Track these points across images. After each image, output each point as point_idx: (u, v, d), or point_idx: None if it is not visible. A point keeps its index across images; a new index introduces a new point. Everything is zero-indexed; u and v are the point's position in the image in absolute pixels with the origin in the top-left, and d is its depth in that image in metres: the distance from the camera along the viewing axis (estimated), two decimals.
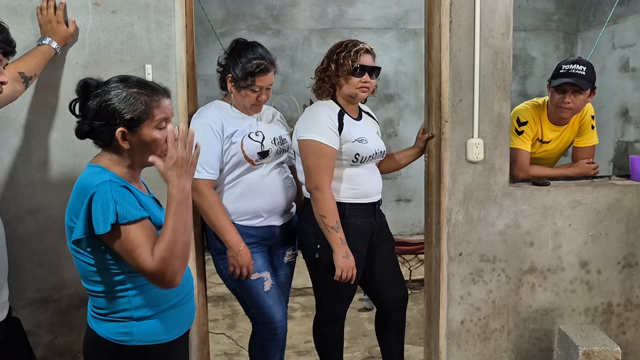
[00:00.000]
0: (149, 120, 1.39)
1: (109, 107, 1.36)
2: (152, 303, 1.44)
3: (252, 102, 2.06)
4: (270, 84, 2.07)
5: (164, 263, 1.31)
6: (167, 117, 1.42)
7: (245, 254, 2.03)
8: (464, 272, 2.21)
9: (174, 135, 1.38)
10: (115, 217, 1.29)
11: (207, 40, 4.81)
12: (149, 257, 1.31)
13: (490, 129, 2.15)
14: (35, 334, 2.03)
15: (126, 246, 1.32)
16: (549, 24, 5.45)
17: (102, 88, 1.39)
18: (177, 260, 1.33)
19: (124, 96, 1.37)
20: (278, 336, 2.15)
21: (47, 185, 1.99)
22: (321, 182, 2.04)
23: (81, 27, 1.95)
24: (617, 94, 4.83)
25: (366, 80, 2.10)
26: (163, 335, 1.45)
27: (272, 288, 2.12)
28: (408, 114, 5.38)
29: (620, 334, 2.34)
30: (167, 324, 1.46)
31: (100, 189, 1.32)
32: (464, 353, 2.26)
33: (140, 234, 1.32)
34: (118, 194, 1.32)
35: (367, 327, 3.31)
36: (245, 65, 2.01)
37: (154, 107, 1.39)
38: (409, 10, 5.25)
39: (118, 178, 1.38)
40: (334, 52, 2.12)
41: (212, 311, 3.54)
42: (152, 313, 1.43)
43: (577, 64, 2.39)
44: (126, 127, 1.37)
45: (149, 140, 1.40)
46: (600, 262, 2.28)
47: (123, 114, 1.36)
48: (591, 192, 2.24)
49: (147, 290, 1.43)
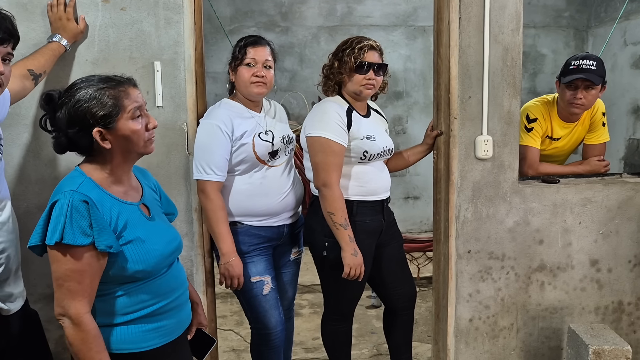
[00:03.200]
0: (122, 112, 1.34)
1: (79, 110, 1.31)
2: (124, 310, 1.37)
3: (250, 79, 2.01)
4: (266, 60, 2.04)
5: (71, 323, 1.29)
6: (140, 105, 1.38)
7: (237, 265, 2.00)
8: (473, 269, 2.20)
9: (155, 124, 1.39)
10: (61, 235, 1.25)
11: (215, 38, 4.82)
12: (69, 302, 1.28)
13: (500, 126, 2.13)
14: (46, 329, 2.04)
15: (59, 271, 1.28)
16: (559, 21, 5.40)
17: (66, 95, 1.34)
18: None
19: (90, 95, 1.32)
20: (273, 342, 2.12)
21: (57, 181, 1.96)
22: (329, 179, 2.04)
23: (91, 24, 1.96)
24: (629, 91, 4.78)
25: (370, 77, 2.08)
26: (141, 343, 1.39)
27: (271, 292, 2.10)
28: (417, 111, 5.36)
29: (631, 332, 2.32)
30: (145, 332, 1.39)
31: (62, 198, 1.28)
32: (472, 351, 2.25)
33: (76, 265, 1.27)
34: (74, 210, 1.26)
35: (375, 324, 3.30)
36: (238, 44, 2.05)
37: (122, 98, 1.34)
38: (417, 7, 5.23)
39: (89, 186, 1.33)
40: (339, 50, 2.12)
41: (221, 307, 3.55)
42: (124, 320, 1.37)
43: (587, 59, 2.37)
44: (101, 125, 1.32)
45: (128, 133, 1.35)
46: (610, 260, 2.26)
47: (94, 112, 1.31)
48: (602, 189, 2.22)
49: (115, 297, 1.37)
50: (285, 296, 2.29)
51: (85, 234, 1.26)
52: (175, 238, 1.50)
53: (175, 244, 1.49)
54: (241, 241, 2.07)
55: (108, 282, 1.35)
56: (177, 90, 2.02)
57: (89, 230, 1.27)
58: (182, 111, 2.03)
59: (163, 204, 1.59)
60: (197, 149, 2.00)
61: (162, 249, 1.42)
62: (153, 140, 1.42)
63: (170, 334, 1.45)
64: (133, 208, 1.41)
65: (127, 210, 1.38)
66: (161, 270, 1.43)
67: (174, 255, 1.49)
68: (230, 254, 2.00)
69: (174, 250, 1.48)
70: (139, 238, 1.37)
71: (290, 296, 2.34)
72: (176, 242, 1.50)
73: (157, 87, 1.99)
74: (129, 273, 1.35)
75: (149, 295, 1.39)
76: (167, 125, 2.02)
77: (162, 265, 1.43)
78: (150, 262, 1.37)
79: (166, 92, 2.01)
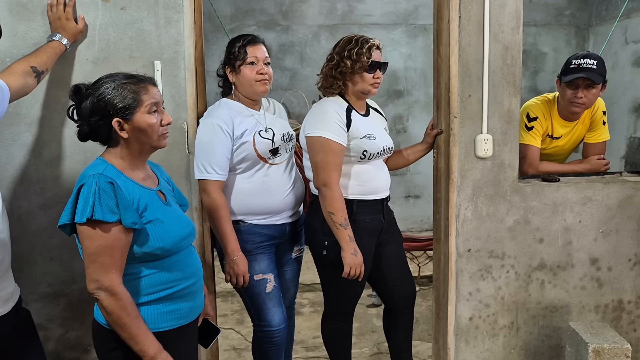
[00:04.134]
0: (140, 106, 1.47)
1: (101, 101, 1.45)
2: (146, 291, 1.48)
3: (255, 77, 2.05)
4: (265, 57, 2.08)
5: (107, 294, 1.40)
6: (157, 102, 1.51)
7: (242, 263, 2.02)
8: (473, 268, 2.20)
9: (169, 121, 1.52)
10: (91, 212, 1.37)
11: (216, 37, 4.82)
12: (103, 275, 1.39)
13: (500, 125, 2.13)
14: (47, 328, 2.06)
15: (92, 247, 1.39)
16: (560, 19, 5.39)
17: (92, 88, 1.48)
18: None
19: (112, 88, 1.46)
20: (276, 340, 2.13)
21: (58, 180, 2.01)
22: (329, 179, 2.04)
23: (91, 23, 1.96)
24: (630, 89, 4.77)
25: (378, 76, 2.11)
26: (158, 323, 1.49)
27: (274, 290, 2.11)
28: (417, 110, 5.36)
29: (631, 331, 2.32)
30: (163, 313, 1.50)
31: (89, 181, 1.41)
32: (472, 349, 2.25)
33: (107, 240, 1.39)
34: (101, 191, 1.39)
35: (376, 323, 3.31)
36: (235, 45, 2.06)
37: (142, 93, 1.48)
38: (418, 5, 5.22)
39: (112, 171, 1.46)
40: (345, 49, 2.10)
41: (221, 306, 3.56)
42: (145, 300, 1.48)
43: (588, 57, 2.37)
44: (120, 116, 1.46)
45: (145, 125, 1.48)
46: (611, 259, 2.26)
47: (115, 104, 1.45)
48: (602, 188, 2.22)
49: (138, 278, 1.48)
50: (287, 294, 2.29)
51: (112, 212, 1.39)
52: (189, 223, 1.62)
53: (190, 228, 1.61)
54: (244, 239, 2.07)
55: (130, 262, 1.46)
56: (177, 89, 2.02)
57: (116, 208, 1.40)
58: (183, 110, 2.03)
59: (176, 195, 1.70)
60: (198, 148, 2.00)
61: (179, 231, 1.53)
62: (167, 135, 1.55)
63: (184, 318, 1.56)
64: (151, 193, 1.53)
65: (147, 194, 1.51)
66: (179, 252, 1.54)
67: (189, 238, 1.59)
68: (235, 252, 2.01)
69: (189, 234, 1.59)
70: (159, 219, 1.49)
71: (291, 294, 2.34)
72: (190, 226, 1.61)
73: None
74: (150, 250, 1.46)
75: (169, 278, 1.51)
76: None
77: (179, 247, 1.53)
78: (168, 241, 1.48)
79: (166, 91, 2.01)
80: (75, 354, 2.10)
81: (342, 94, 2.16)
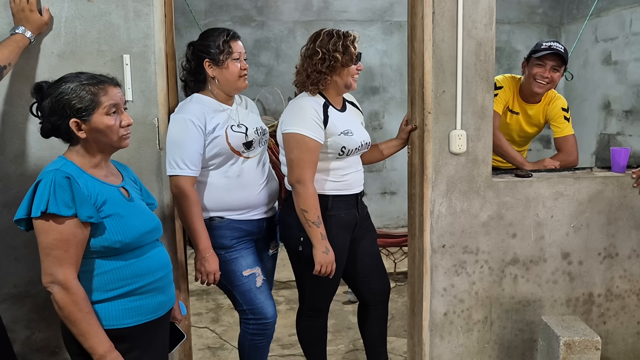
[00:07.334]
0: (98, 107, 1.47)
1: (60, 101, 1.46)
2: (109, 287, 1.47)
3: (239, 72, 2.05)
4: (244, 52, 2.09)
5: (60, 288, 1.40)
6: (117, 103, 1.51)
7: (213, 260, 2.00)
8: (447, 264, 2.21)
9: (130, 122, 1.52)
10: (46, 206, 1.37)
11: (190, 32, 4.74)
12: (57, 269, 1.39)
13: (473, 121, 2.14)
14: (12, 330, 1.99)
15: (46, 241, 1.39)
16: (533, 17, 5.47)
17: (53, 87, 1.48)
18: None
19: (71, 89, 1.46)
20: (268, 331, 2.14)
21: (23, 177, 1.94)
22: (304, 176, 2.02)
23: (56, 15, 1.90)
24: (600, 87, 4.87)
25: (360, 68, 2.13)
26: (123, 319, 1.48)
27: (264, 283, 2.11)
28: (393, 106, 5.37)
29: (601, 323, 2.37)
30: (127, 309, 1.49)
31: (46, 176, 1.41)
32: (447, 345, 2.27)
33: (62, 234, 1.39)
34: (57, 185, 1.39)
35: (352, 319, 3.30)
36: (217, 39, 2.03)
37: (100, 95, 1.48)
38: (394, 2, 5.23)
39: (71, 167, 1.46)
40: (330, 42, 2.05)
41: (196, 305, 3.51)
42: (108, 297, 1.47)
43: (557, 42, 2.59)
44: (77, 117, 1.46)
45: (102, 127, 1.48)
46: (581, 253, 2.30)
47: (72, 104, 1.46)
48: (573, 183, 2.26)
49: (101, 274, 1.47)
50: None
51: (67, 206, 1.39)
52: (154, 219, 1.61)
53: (154, 223, 1.59)
54: (223, 235, 2.05)
55: (91, 257, 1.46)
56: (147, 84, 1.97)
57: (71, 203, 1.40)
58: (153, 105, 1.99)
59: (143, 195, 1.68)
60: (170, 144, 1.96)
61: (141, 225, 1.52)
62: (127, 136, 1.55)
63: (153, 312, 1.55)
64: (113, 189, 1.53)
65: (107, 190, 1.51)
66: (142, 246, 1.53)
67: (153, 233, 1.58)
68: (206, 250, 1.98)
69: (153, 229, 1.58)
70: (118, 213, 1.48)
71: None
72: (155, 222, 1.60)
73: (126, 81, 1.94)
74: (108, 244, 1.46)
75: (132, 273, 1.50)
76: (137, 120, 1.96)
77: (141, 241, 1.52)
78: (128, 235, 1.48)
79: (136, 86, 1.96)
80: (42, 356, 2.04)
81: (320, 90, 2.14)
